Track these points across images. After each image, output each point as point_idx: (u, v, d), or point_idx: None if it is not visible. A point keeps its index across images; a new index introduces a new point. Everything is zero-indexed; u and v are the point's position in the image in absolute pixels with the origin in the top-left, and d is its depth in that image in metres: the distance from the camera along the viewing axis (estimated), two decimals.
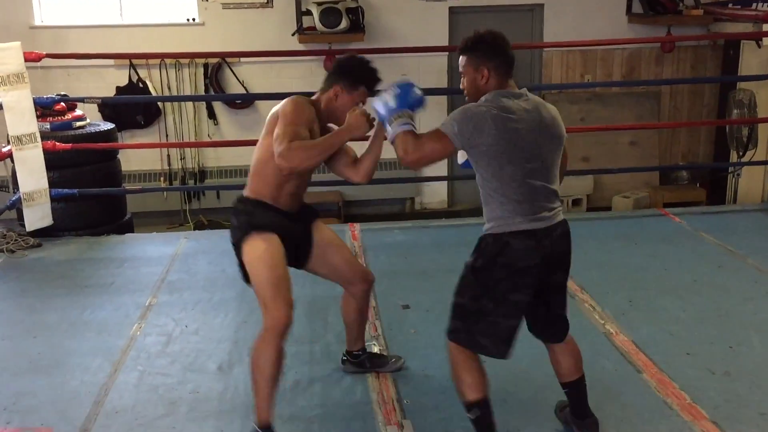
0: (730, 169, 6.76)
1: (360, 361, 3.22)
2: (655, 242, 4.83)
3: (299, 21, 7.07)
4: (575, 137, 7.64)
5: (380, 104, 2.61)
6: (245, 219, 2.77)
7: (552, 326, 2.65)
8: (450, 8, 7.43)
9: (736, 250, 4.62)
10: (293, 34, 7.04)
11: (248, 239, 2.72)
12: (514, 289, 2.43)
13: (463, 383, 2.50)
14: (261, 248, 2.70)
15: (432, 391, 3.07)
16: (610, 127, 7.47)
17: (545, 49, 7.63)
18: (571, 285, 4.08)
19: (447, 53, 7.48)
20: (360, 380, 3.15)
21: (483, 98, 2.49)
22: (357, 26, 6.95)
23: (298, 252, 2.92)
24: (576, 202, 7.68)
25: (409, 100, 2.60)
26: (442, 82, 7.45)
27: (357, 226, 5.21)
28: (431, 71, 7.34)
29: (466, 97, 2.60)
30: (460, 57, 2.58)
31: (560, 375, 2.69)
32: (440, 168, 7.50)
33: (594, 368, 3.22)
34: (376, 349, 3.37)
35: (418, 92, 2.66)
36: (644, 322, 3.67)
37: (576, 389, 2.68)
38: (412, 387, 3.11)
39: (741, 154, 6.32)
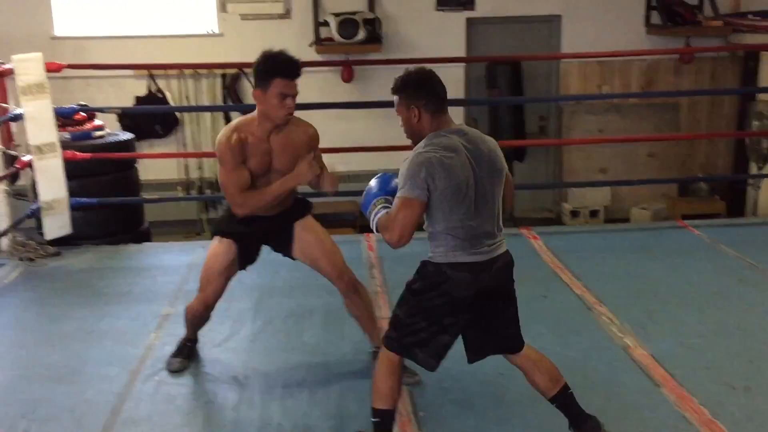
0: (750, 181, 6.69)
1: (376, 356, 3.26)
2: (674, 255, 4.79)
3: (317, 32, 7.11)
4: (593, 148, 7.63)
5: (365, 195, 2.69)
6: (215, 224, 3.39)
7: (501, 345, 2.69)
8: (467, 19, 7.45)
9: (756, 263, 4.56)
10: (311, 45, 7.08)
11: (213, 239, 3.27)
12: (448, 314, 2.54)
13: (378, 390, 2.61)
14: (212, 248, 3.23)
15: (448, 404, 3.06)
16: (628, 139, 7.44)
17: (563, 60, 7.62)
18: (589, 297, 4.07)
19: (464, 64, 7.50)
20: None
21: (423, 142, 2.52)
22: (374, 37, 6.98)
23: (277, 247, 3.27)
24: (593, 214, 7.64)
25: (387, 189, 2.64)
26: (459, 93, 7.45)
27: (373, 236, 5.21)
28: (448, 82, 7.13)
29: (408, 139, 2.64)
30: (394, 98, 2.63)
31: (541, 392, 2.71)
32: None
33: (612, 382, 3.19)
34: None
35: (396, 182, 2.62)
36: (663, 335, 3.63)
37: (562, 401, 2.68)
38: (428, 400, 3.09)
39: (760, 166, 6.26)
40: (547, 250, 4.87)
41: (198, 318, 3.35)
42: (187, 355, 3.43)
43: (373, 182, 2.69)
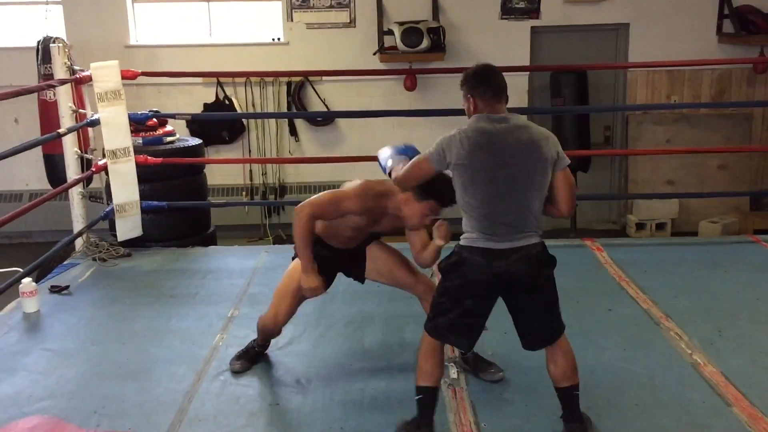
0: None
1: (465, 358, 3.33)
2: (746, 270, 4.63)
3: (381, 40, 7.17)
4: (660, 159, 7.45)
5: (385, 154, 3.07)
6: None
7: (524, 336, 2.80)
8: (532, 27, 7.39)
9: None
10: (375, 54, 7.14)
11: (295, 260, 3.29)
12: (467, 296, 2.68)
13: (420, 368, 2.77)
14: (293, 268, 3.28)
15: (510, 416, 3.03)
16: (698, 150, 7.24)
17: (630, 69, 7.48)
18: (656, 312, 3.97)
19: (528, 73, 7.44)
20: (438, 401, 3.13)
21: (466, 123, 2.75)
22: (438, 46, 6.98)
23: (351, 273, 3.39)
24: (660, 227, 7.45)
25: (408, 152, 3.01)
26: (523, 102, 7.40)
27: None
28: (512, 91, 7.07)
29: None
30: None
31: (552, 380, 2.81)
32: None
33: (681, 399, 3.11)
34: (453, 372, 3.34)
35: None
36: (734, 353, 3.51)
37: (565, 395, 2.78)
38: (491, 410, 3.06)
39: None
40: (611, 262, 4.78)
41: (268, 333, 3.44)
42: (251, 358, 3.49)
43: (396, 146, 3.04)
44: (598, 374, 3.33)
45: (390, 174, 2.99)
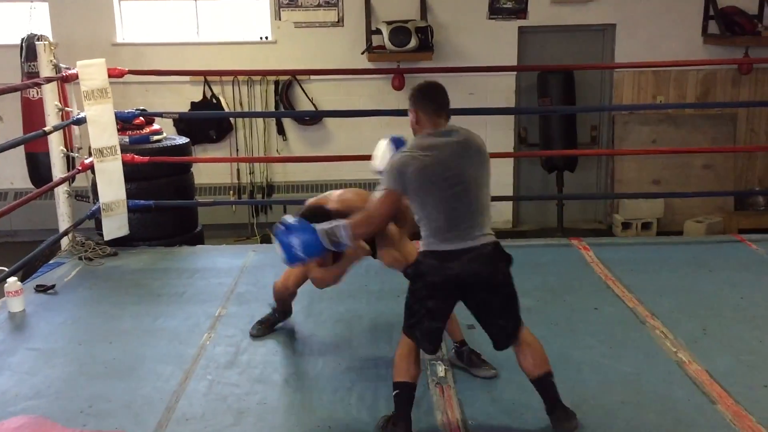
0: None
1: (459, 352, 3.40)
2: (731, 269, 4.68)
3: (369, 40, 7.17)
4: (646, 159, 7.51)
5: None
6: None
7: (494, 336, 2.93)
8: (519, 27, 7.42)
9: None
10: (363, 53, 7.14)
11: None
12: (428, 297, 2.83)
13: (396, 366, 2.88)
14: None
15: (497, 414, 3.04)
16: (683, 150, 7.29)
17: (616, 70, 7.52)
18: (642, 311, 4.00)
19: (515, 73, 7.46)
20: (425, 399, 3.14)
21: (410, 141, 2.94)
22: (426, 45, 6.99)
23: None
24: (646, 226, 7.50)
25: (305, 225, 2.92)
26: (510, 102, 7.43)
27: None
28: (499, 90, 7.33)
29: None
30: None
31: (526, 373, 2.90)
32: (505, 188, 7.47)
33: (666, 398, 3.14)
34: (440, 370, 3.36)
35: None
36: (719, 351, 3.54)
37: (542, 385, 2.88)
38: (477, 408, 3.08)
39: None
40: (598, 261, 4.81)
41: (280, 297, 3.75)
42: (270, 325, 3.83)
43: (288, 235, 2.87)
44: (585, 372, 3.36)
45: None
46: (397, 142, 3.39)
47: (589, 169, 7.79)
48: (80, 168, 5.11)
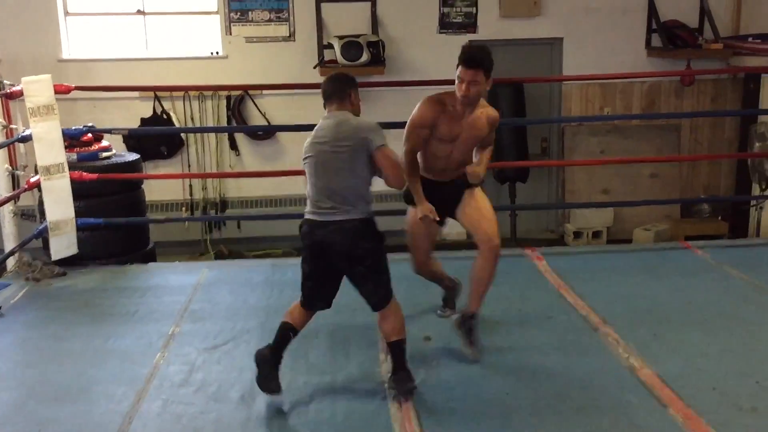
0: (753, 202, 6.72)
1: (464, 321, 3.64)
2: (678, 275, 4.80)
3: (321, 54, 7.18)
4: (595, 170, 7.67)
5: None
6: (405, 196, 3.72)
7: (365, 299, 3.27)
8: (469, 41, 7.51)
9: (762, 283, 4.57)
10: (315, 67, 7.14)
11: (409, 209, 3.78)
12: (303, 260, 3.27)
13: (291, 312, 3.35)
14: (411, 217, 3.75)
15: (455, 424, 3.05)
16: (630, 160, 7.48)
17: (564, 83, 7.68)
18: (594, 318, 4.07)
19: None
20: (383, 411, 3.14)
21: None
22: (377, 59, 7.04)
23: (448, 208, 3.73)
24: (596, 235, 7.65)
25: None
26: None
27: None
28: None
29: None
30: None
31: (383, 335, 3.29)
32: None
33: (619, 403, 3.19)
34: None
35: None
36: (669, 355, 3.63)
37: (394, 348, 3.24)
38: (435, 420, 3.09)
39: (763, 187, 6.29)
40: (551, 270, 4.88)
41: (428, 275, 4.00)
42: (452, 302, 4.14)
43: None
44: (540, 380, 3.40)
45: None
46: None
47: (540, 180, 7.92)
48: (26, 186, 4.99)
